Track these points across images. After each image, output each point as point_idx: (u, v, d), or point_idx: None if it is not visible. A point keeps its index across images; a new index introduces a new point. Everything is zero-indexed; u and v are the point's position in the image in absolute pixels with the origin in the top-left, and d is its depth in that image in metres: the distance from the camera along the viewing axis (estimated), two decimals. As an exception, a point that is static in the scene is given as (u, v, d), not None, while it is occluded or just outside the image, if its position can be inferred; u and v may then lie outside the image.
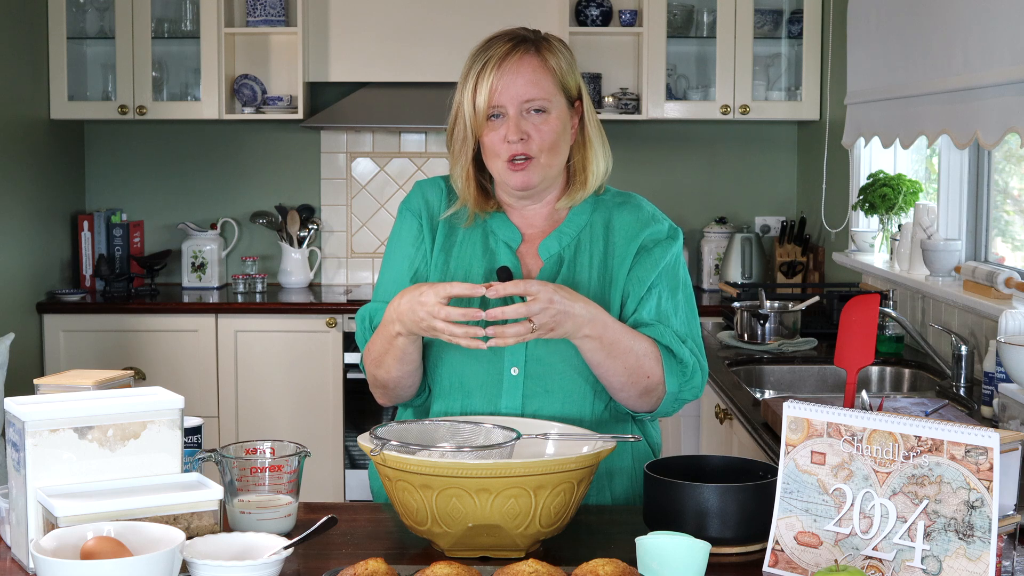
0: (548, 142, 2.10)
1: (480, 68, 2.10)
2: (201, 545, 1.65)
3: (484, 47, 2.14)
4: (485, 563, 1.76)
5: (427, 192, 2.24)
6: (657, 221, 2.19)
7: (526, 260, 2.17)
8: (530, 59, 2.10)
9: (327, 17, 5.14)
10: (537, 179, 2.11)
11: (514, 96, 2.08)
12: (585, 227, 2.18)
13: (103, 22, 5.15)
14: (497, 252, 2.16)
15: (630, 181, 5.46)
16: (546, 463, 1.75)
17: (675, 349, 2.09)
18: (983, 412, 2.92)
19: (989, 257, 3.64)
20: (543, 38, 2.16)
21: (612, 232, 2.17)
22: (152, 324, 4.91)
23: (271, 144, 5.45)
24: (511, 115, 2.08)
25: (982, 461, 1.55)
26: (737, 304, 4.00)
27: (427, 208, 2.21)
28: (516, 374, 2.10)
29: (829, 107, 4.89)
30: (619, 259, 2.15)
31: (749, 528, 1.78)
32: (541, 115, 2.09)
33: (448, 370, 2.13)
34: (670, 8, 5.08)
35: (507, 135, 2.08)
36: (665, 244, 2.17)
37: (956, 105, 3.33)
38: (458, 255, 2.17)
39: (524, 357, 2.10)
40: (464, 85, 2.12)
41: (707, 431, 3.79)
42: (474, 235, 2.18)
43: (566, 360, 2.10)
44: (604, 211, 2.19)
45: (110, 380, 1.95)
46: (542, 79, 2.10)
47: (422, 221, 2.20)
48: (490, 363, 2.11)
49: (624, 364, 2.04)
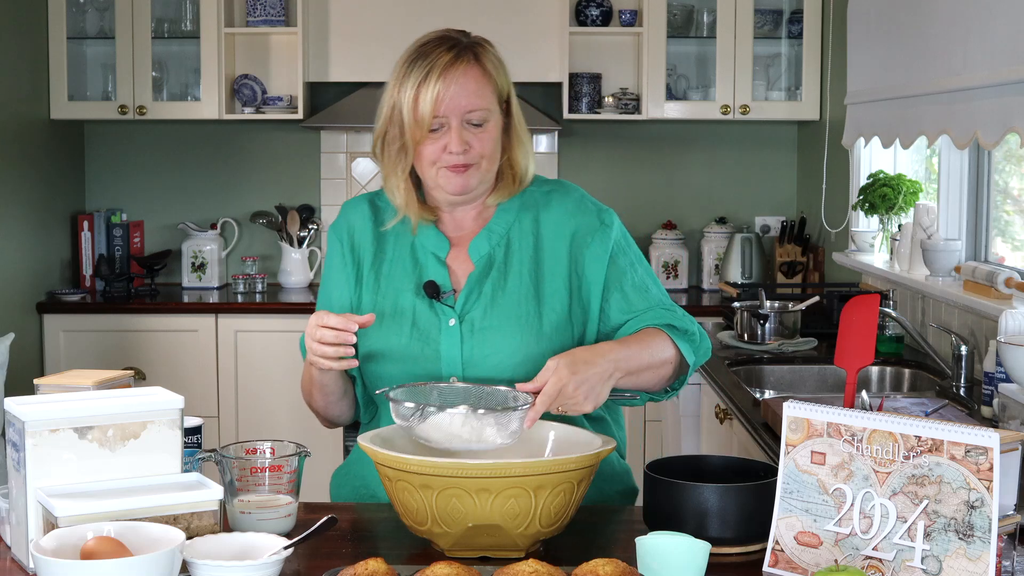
0: (488, 151, 2.11)
1: (423, 77, 2.05)
2: (201, 545, 1.65)
3: (421, 53, 2.09)
4: (485, 563, 1.76)
5: (350, 215, 2.24)
6: (585, 212, 2.19)
7: (455, 267, 2.17)
8: (472, 69, 2.09)
9: (327, 17, 5.14)
10: (475, 183, 2.12)
11: (457, 108, 2.06)
12: (514, 223, 2.18)
13: (103, 22, 5.15)
14: (426, 265, 2.16)
15: (630, 181, 5.46)
16: (546, 463, 1.75)
17: (676, 324, 2.13)
18: (983, 412, 2.92)
19: (989, 257, 3.64)
20: (478, 43, 2.14)
21: (540, 226, 2.18)
22: (152, 324, 4.91)
23: (271, 144, 5.45)
24: (454, 126, 2.07)
25: (982, 461, 1.55)
26: (737, 304, 4.00)
27: (348, 231, 2.22)
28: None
29: (829, 107, 4.89)
30: (549, 253, 2.16)
31: (749, 528, 1.78)
32: (481, 126, 2.09)
33: (387, 385, 2.11)
34: (670, 8, 5.08)
35: (450, 146, 2.07)
36: (601, 234, 2.17)
37: (956, 105, 3.33)
38: (388, 273, 2.17)
39: (460, 363, 2.11)
40: (401, 93, 2.07)
41: (707, 431, 3.79)
42: (402, 250, 2.18)
43: (501, 364, 2.11)
44: (531, 205, 2.20)
45: (110, 380, 1.95)
46: (483, 88, 2.09)
47: (343, 245, 2.21)
48: (429, 376, 2.11)
49: (652, 374, 2.09)
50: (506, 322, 2.11)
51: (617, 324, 2.16)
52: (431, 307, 2.12)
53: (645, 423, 4.91)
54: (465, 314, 2.12)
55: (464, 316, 2.12)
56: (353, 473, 2.24)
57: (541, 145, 5.42)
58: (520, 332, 2.11)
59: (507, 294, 2.13)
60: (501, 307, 2.12)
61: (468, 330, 2.11)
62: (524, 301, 2.12)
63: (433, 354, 2.11)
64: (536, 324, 2.12)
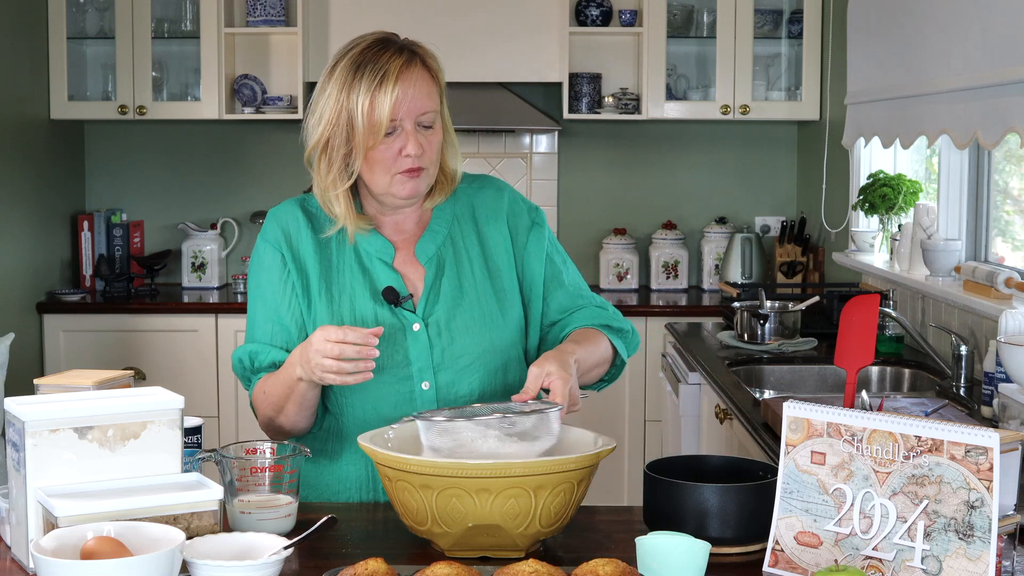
0: (437, 152, 2.11)
1: (377, 82, 2.03)
2: (201, 545, 1.65)
3: (368, 57, 2.06)
4: (485, 563, 1.76)
5: (283, 221, 2.17)
6: (519, 212, 2.23)
7: (405, 270, 2.16)
8: (422, 72, 2.08)
9: (327, 17, 5.14)
10: (425, 187, 2.12)
11: (412, 110, 2.05)
12: (453, 223, 2.19)
13: (103, 22, 5.15)
14: (373, 271, 2.14)
15: (630, 181, 5.46)
16: (546, 463, 1.75)
17: (612, 323, 2.20)
18: (983, 412, 2.92)
19: (989, 257, 3.64)
20: (418, 44, 2.13)
21: (479, 225, 2.20)
22: (152, 324, 4.91)
23: (271, 144, 5.45)
24: (409, 129, 2.06)
25: (982, 461, 1.55)
26: (737, 304, 4.00)
27: (286, 240, 2.15)
28: (427, 388, 2.11)
29: (829, 107, 4.89)
30: (494, 252, 2.18)
31: (749, 528, 1.78)
32: (431, 127, 2.09)
33: (359, 397, 2.12)
34: (670, 8, 5.08)
35: (405, 149, 2.05)
36: (535, 234, 2.22)
37: (956, 105, 3.33)
38: (339, 281, 2.14)
39: (431, 366, 2.11)
40: (351, 97, 2.04)
41: (707, 431, 3.79)
42: (347, 257, 2.15)
43: (471, 365, 2.12)
44: (465, 200, 2.22)
45: (110, 380, 1.95)
46: (432, 91, 2.09)
47: (284, 255, 2.15)
48: (399, 381, 2.10)
49: (596, 372, 2.18)
50: (472, 323, 2.12)
51: (552, 321, 2.22)
52: (392, 312, 2.11)
53: (645, 423, 4.91)
54: (428, 317, 2.12)
55: (428, 319, 2.11)
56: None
57: (541, 145, 5.42)
58: (488, 331, 2.13)
59: (466, 294, 2.14)
60: (465, 308, 2.13)
61: (435, 333, 2.11)
62: (485, 300, 2.14)
63: (403, 360, 2.10)
64: (500, 322, 2.14)
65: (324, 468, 2.17)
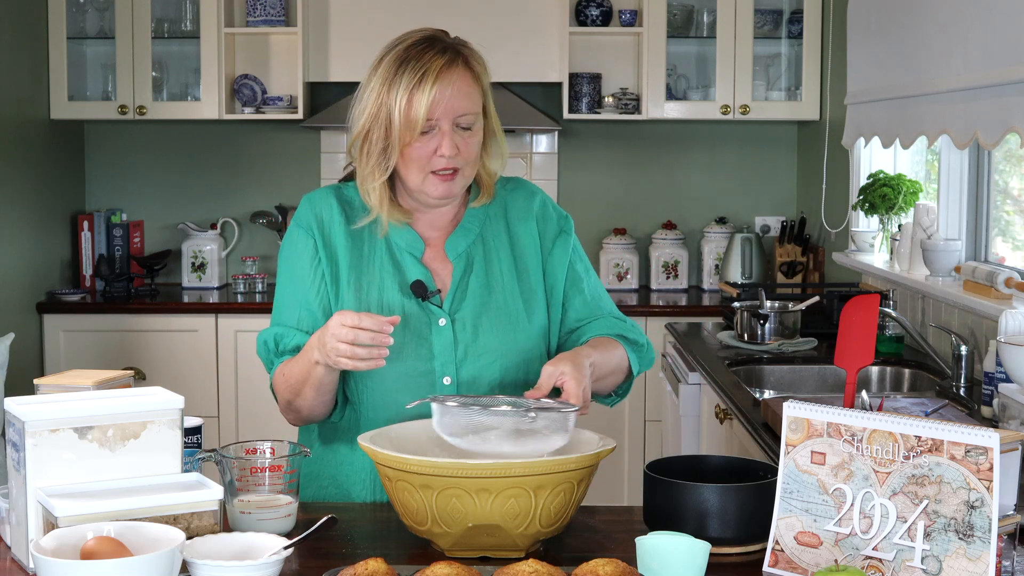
0: (473, 155, 2.11)
1: (417, 80, 2.04)
2: (201, 545, 1.65)
3: (412, 55, 2.08)
4: (485, 563, 1.76)
5: (318, 207, 2.18)
6: (548, 219, 2.24)
7: (435, 266, 2.17)
8: (464, 73, 2.08)
9: (327, 17, 5.14)
10: (459, 189, 2.13)
11: (450, 111, 2.06)
12: (486, 222, 2.20)
13: (103, 22, 5.15)
14: (404, 264, 2.15)
15: (630, 181, 5.46)
16: (546, 463, 1.75)
17: (628, 335, 2.20)
18: (983, 412, 2.92)
19: (989, 257, 3.64)
20: (463, 44, 2.13)
21: (511, 226, 2.21)
22: (152, 324, 4.91)
23: (271, 144, 5.45)
24: (445, 129, 2.06)
25: (982, 461, 1.55)
26: (737, 304, 4.00)
27: (319, 226, 2.16)
28: (449, 383, 2.11)
29: (829, 107, 4.89)
30: (523, 254, 2.20)
31: (749, 528, 1.78)
32: (469, 129, 2.09)
33: (380, 388, 2.12)
34: (670, 8, 5.08)
35: (441, 149, 2.06)
36: (562, 241, 2.23)
37: (956, 105, 3.33)
38: (368, 271, 2.14)
39: (454, 361, 2.11)
40: (391, 94, 2.06)
41: (707, 431, 3.79)
42: (378, 249, 2.16)
43: (494, 364, 2.12)
44: (498, 200, 2.23)
45: (110, 380, 1.95)
46: (473, 93, 2.09)
47: (316, 238, 2.15)
48: (422, 375, 2.11)
49: (611, 380, 2.17)
50: (498, 321, 2.14)
51: (570, 329, 2.23)
52: (419, 306, 2.12)
53: (645, 423, 4.91)
54: (454, 313, 2.13)
55: (454, 315, 2.13)
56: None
57: (541, 145, 5.42)
58: (513, 330, 2.14)
59: (494, 293, 2.15)
60: (492, 306, 2.14)
61: (461, 328, 2.12)
62: (511, 299, 2.16)
63: (426, 353, 2.11)
64: (525, 322, 2.16)
65: (344, 458, 2.17)
